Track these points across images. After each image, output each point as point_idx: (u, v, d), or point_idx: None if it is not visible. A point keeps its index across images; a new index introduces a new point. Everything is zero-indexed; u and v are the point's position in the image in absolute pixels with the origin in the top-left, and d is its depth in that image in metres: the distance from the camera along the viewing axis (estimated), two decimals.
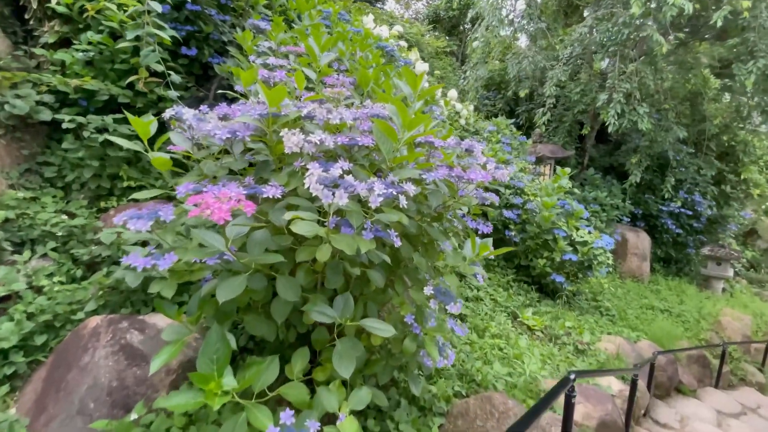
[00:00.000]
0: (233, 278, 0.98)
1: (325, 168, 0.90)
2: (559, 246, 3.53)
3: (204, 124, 1.05)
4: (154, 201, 2.07)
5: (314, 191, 0.78)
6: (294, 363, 1.27)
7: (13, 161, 2.17)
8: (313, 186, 0.79)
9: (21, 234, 1.87)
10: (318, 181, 0.81)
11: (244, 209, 0.81)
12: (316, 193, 0.78)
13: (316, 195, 0.79)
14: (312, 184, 0.79)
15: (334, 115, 1.06)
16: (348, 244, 0.89)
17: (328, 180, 0.83)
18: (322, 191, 0.78)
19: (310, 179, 0.80)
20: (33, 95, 2.27)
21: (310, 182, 0.80)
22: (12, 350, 1.44)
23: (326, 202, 0.78)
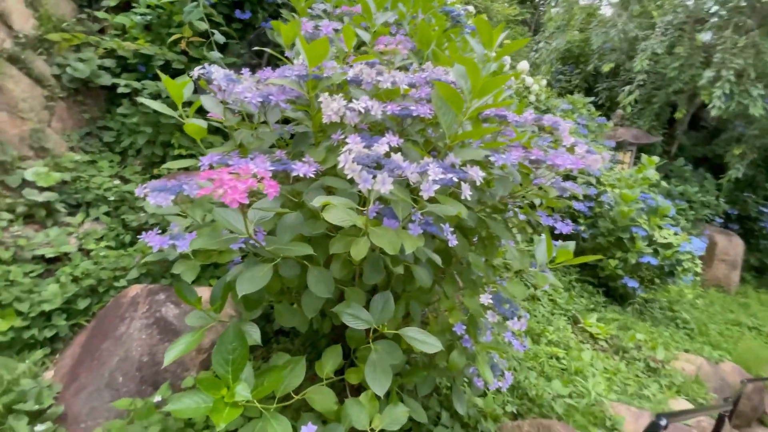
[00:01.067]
0: (257, 268, 0.83)
1: (368, 143, 0.70)
2: (636, 246, 3.08)
3: (235, 85, 0.89)
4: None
5: (350, 172, 0.59)
6: (325, 361, 1.13)
7: (75, 124, 2.22)
8: (348, 166, 0.60)
9: (77, 197, 1.91)
10: (357, 160, 0.62)
11: (265, 190, 0.65)
12: (352, 175, 0.59)
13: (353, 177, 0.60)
14: (347, 163, 0.60)
15: (385, 78, 0.85)
16: (390, 241, 0.70)
17: (370, 159, 0.64)
18: (359, 173, 0.59)
19: (345, 157, 0.61)
20: (94, 59, 2.29)
21: (345, 161, 0.61)
22: (55, 312, 1.45)
23: (365, 188, 0.59)
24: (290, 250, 0.78)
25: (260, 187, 0.65)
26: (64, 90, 2.22)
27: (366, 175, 0.58)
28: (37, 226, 1.74)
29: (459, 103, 0.81)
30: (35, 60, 2.12)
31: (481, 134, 0.92)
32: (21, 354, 1.36)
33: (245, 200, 0.62)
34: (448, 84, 0.79)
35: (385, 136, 0.74)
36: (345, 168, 0.59)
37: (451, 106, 0.84)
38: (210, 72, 0.91)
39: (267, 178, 0.69)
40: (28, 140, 1.93)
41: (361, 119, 0.83)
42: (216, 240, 0.71)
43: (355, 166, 0.59)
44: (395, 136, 0.76)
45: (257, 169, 0.71)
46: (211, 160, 0.87)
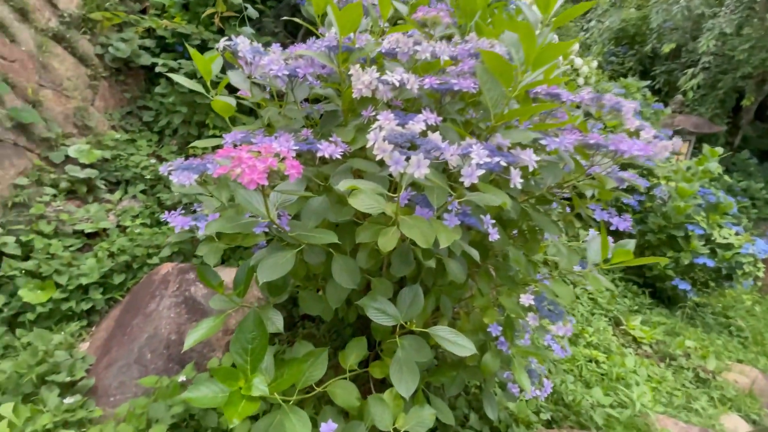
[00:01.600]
0: (279, 254, 0.78)
1: (401, 121, 0.62)
2: (691, 246, 2.82)
3: (261, 58, 0.83)
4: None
5: (380, 153, 0.51)
6: (348, 353, 1.08)
7: (117, 103, 2.27)
8: (378, 145, 0.52)
9: (116, 174, 1.95)
10: (388, 139, 0.54)
11: (286, 171, 0.58)
12: (382, 156, 0.52)
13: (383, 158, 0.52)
14: (377, 141, 0.52)
15: (423, 48, 0.76)
16: (422, 233, 0.62)
17: (404, 138, 0.56)
18: (391, 154, 0.51)
19: (375, 135, 0.53)
20: (135, 39, 2.32)
21: (375, 139, 0.53)
22: (92, 286, 1.49)
23: (396, 171, 0.51)
24: (314, 237, 0.72)
25: (281, 167, 0.59)
26: (107, 69, 2.27)
27: (398, 157, 0.50)
28: (78, 201, 1.79)
29: (509, 76, 0.71)
30: (79, 39, 2.17)
31: (532, 113, 0.81)
32: (59, 325, 1.41)
33: (264, 181, 0.56)
34: (497, 53, 0.68)
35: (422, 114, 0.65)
36: (375, 147, 0.52)
37: (499, 79, 0.73)
38: (236, 44, 0.85)
39: (289, 157, 0.63)
40: (72, 118, 1.99)
41: (395, 95, 0.75)
42: (234, 223, 0.66)
43: (386, 146, 0.51)
44: (433, 114, 0.67)
45: (280, 148, 0.65)
46: (234, 138, 0.82)
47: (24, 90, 1.79)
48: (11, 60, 1.78)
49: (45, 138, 1.79)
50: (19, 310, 1.38)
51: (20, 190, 1.60)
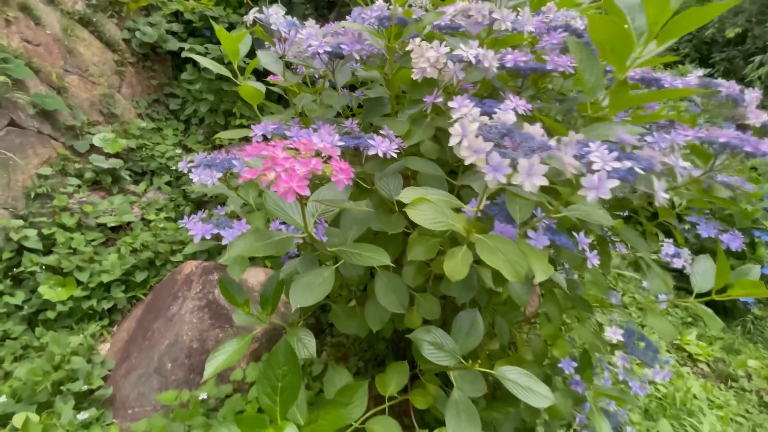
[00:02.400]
0: (315, 272, 0.64)
1: (486, 108, 0.46)
2: (757, 254, 2.53)
3: (298, 32, 0.69)
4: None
5: (469, 154, 0.36)
6: (388, 379, 0.94)
7: (144, 90, 2.19)
8: (470, 142, 0.36)
9: (142, 164, 1.88)
10: (483, 135, 0.38)
11: (333, 176, 0.44)
12: (473, 159, 0.36)
13: (474, 163, 0.36)
14: (468, 137, 0.36)
15: (504, 16, 0.59)
16: (509, 262, 0.47)
17: (494, 133, 0.40)
18: (488, 156, 0.35)
19: (462, 128, 0.37)
20: (163, 23, 2.23)
21: (463, 133, 0.37)
22: (114, 284, 1.41)
23: (495, 180, 0.35)
24: (360, 256, 0.58)
25: (326, 171, 0.44)
26: (134, 55, 2.20)
27: (499, 160, 0.35)
28: (103, 192, 1.73)
29: (625, 49, 0.54)
30: (106, 23, 2.09)
31: (643, 102, 0.64)
32: (79, 324, 1.34)
33: (305, 191, 0.41)
34: (609, 18, 0.51)
35: (504, 100, 0.49)
36: (464, 146, 0.36)
37: (609, 55, 0.56)
38: (268, 15, 0.70)
39: (335, 157, 0.48)
40: (98, 105, 1.92)
41: (466, 77, 0.59)
42: (265, 243, 0.52)
43: (481, 143, 0.35)
44: (518, 98, 0.51)
45: (322, 145, 0.50)
46: (264, 129, 0.68)
47: (48, 75, 1.72)
48: (36, 44, 1.72)
49: (70, 126, 1.73)
50: (40, 307, 1.32)
51: (44, 180, 1.53)
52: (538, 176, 0.35)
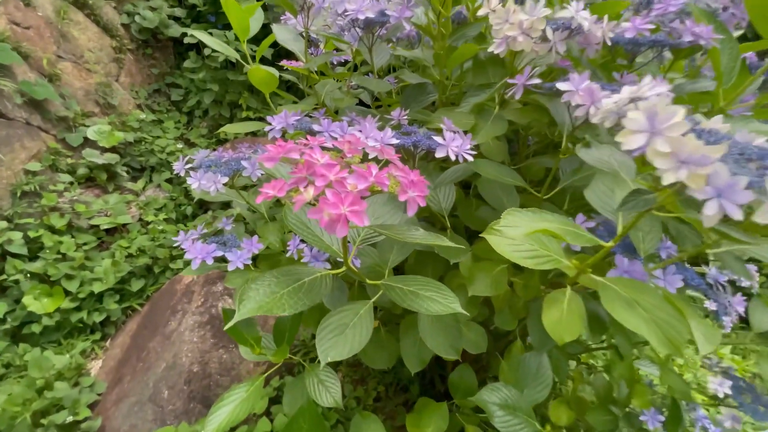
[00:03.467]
0: (348, 310, 0.48)
1: (612, 89, 0.30)
2: None
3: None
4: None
5: (669, 168, 0.21)
6: (424, 422, 0.79)
7: (143, 80, 2.04)
8: (675, 146, 0.20)
9: (140, 159, 1.72)
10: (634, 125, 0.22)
11: (401, 191, 0.28)
12: (679, 177, 0.20)
13: (680, 181, 0.20)
14: (672, 138, 0.21)
15: None
16: (657, 324, 0.31)
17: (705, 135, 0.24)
18: (716, 174, 0.19)
19: (653, 120, 0.21)
20: (165, 7, 2.08)
21: (653, 128, 0.22)
22: (107, 293, 1.26)
23: (717, 215, 0.20)
24: (415, 297, 0.42)
25: (393, 185, 0.29)
26: (133, 41, 2.04)
27: (728, 179, 0.19)
28: (98, 190, 1.58)
29: None
30: (103, 6, 1.94)
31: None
32: (68, 340, 1.20)
33: (363, 219, 0.26)
34: None
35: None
36: (658, 151, 0.20)
37: (761, 27, 0.40)
38: None
39: (397, 163, 0.32)
40: (94, 95, 1.77)
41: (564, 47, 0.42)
42: (288, 289, 0.37)
43: (697, 149, 0.19)
44: (659, 79, 0.35)
45: (376, 144, 0.34)
46: (284, 122, 0.52)
47: (39, 61, 1.57)
48: (25, 26, 1.56)
49: (62, 117, 1.58)
50: (24, 320, 1.18)
51: (31, 176, 1.39)
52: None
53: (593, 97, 0.32)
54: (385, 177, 0.28)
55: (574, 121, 0.39)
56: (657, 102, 0.22)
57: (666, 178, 0.21)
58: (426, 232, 0.32)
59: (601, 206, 0.34)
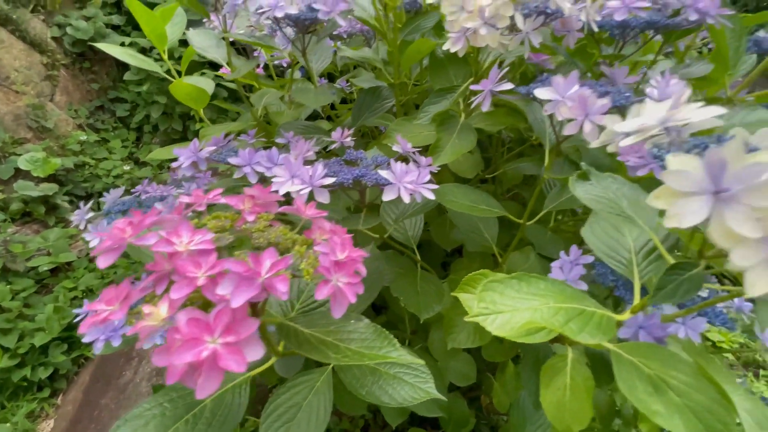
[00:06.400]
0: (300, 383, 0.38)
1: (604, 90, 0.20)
2: None
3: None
4: None
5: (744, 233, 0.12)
6: None
7: (83, 97, 1.86)
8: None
9: (84, 186, 1.56)
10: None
11: (320, 287, 0.17)
12: (748, 269, 0.11)
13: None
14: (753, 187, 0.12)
15: None
16: (695, 413, 0.22)
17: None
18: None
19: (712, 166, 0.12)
20: (100, 15, 1.90)
21: (714, 170, 0.12)
22: (52, 344, 1.12)
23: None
24: (366, 374, 0.32)
25: (306, 272, 0.18)
26: (67, 56, 1.85)
27: None
28: (36, 225, 1.42)
29: None
30: (30, 20, 1.74)
31: None
32: (12, 402, 1.06)
33: (244, 361, 0.15)
34: None
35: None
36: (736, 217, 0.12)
37: None
38: None
39: (324, 229, 0.22)
40: (25, 119, 1.59)
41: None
42: (172, 412, 0.26)
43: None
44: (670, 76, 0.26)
45: (302, 189, 0.24)
46: (193, 155, 0.41)
47: None
48: None
49: None
50: None
51: None
52: None
53: (587, 108, 0.23)
54: (287, 264, 0.18)
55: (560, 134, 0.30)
56: (729, 145, 0.12)
57: (754, 284, 0.12)
58: (369, 327, 0.22)
59: (606, 253, 0.25)
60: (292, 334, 0.21)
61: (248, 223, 0.22)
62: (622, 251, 0.25)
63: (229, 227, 0.23)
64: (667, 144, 0.18)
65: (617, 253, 0.25)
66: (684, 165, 0.13)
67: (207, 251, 0.18)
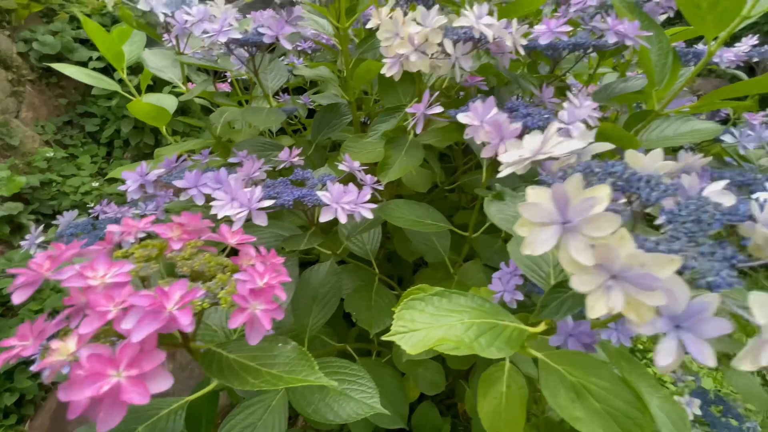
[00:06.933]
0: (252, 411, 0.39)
1: (524, 119, 0.22)
2: None
3: (185, 15, 0.42)
4: None
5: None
6: None
7: (50, 112, 1.82)
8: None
9: (52, 204, 1.52)
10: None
11: (235, 313, 0.18)
12: (589, 295, 0.13)
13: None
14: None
15: None
16: (613, 417, 0.23)
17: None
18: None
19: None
20: (68, 29, 1.86)
21: None
22: (18, 369, 1.08)
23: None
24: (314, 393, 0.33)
25: (224, 297, 0.19)
26: (34, 71, 1.81)
27: None
28: (1, 246, 1.37)
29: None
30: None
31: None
32: None
33: (147, 393, 0.16)
34: None
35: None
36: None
37: (692, 19, 0.34)
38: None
39: (249, 255, 0.23)
40: None
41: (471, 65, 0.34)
42: None
43: (658, 265, 0.11)
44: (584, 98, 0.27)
45: (239, 213, 0.25)
46: (141, 177, 0.41)
47: None
48: None
49: None
50: None
51: None
52: None
53: (501, 132, 0.25)
54: (195, 296, 0.18)
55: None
56: (570, 180, 0.14)
57: (593, 307, 0.13)
58: (294, 351, 0.23)
59: (529, 266, 0.26)
60: (215, 361, 0.21)
61: (174, 251, 0.23)
62: (543, 265, 0.26)
63: (155, 256, 0.23)
64: (566, 168, 0.20)
65: (539, 267, 0.26)
66: (538, 198, 0.14)
67: (121, 284, 0.19)
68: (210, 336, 0.30)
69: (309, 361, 0.21)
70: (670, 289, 0.12)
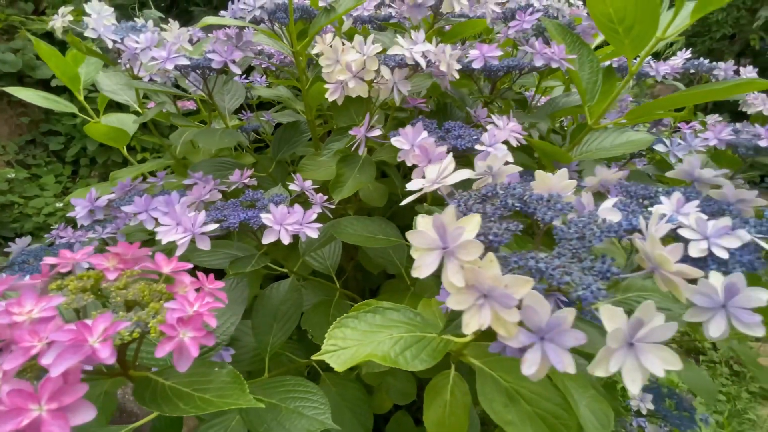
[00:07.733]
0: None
1: (455, 141, 0.24)
2: None
3: (133, 41, 0.42)
4: None
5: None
6: None
7: (12, 132, 1.76)
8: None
9: (14, 226, 1.47)
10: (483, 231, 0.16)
11: (164, 344, 0.19)
12: (465, 314, 0.14)
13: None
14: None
15: None
16: (541, 418, 0.25)
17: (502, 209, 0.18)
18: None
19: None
20: (29, 47, 1.82)
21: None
22: None
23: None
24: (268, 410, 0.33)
25: (154, 328, 0.20)
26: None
27: None
28: None
29: (648, 23, 0.35)
30: None
31: (690, 102, 0.45)
32: None
33: (65, 431, 0.16)
34: None
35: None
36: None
37: (611, 39, 0.37)
38: (86, 21, 0.44)
39: (185, 283, 0.24)
40: None
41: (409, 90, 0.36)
42: None
43: (516, 287, 0.13)
44: (507, 120, 0.30)
45: (182, 238, 0.26)
46: (90, 203, 0.41)
47: None
48: None
49: None
50: None
51: None
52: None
53: (429, 155, 0.26)
54: (117, 328, 0.19)
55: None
56: (446, 211, 0.15)
57: (467, 323, 0.14)
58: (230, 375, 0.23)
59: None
60: (150, 389, 0.22)
61: (108, 282, 0.23)
62: None
63: (90, 287, 0.24)
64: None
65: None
66: (425, 226, 0.16)
67: (47, 318, 0.19)
68: (156, 363, 0.30)
69: (242, 386, 0.21)
70: (531, 306, 0.14)
